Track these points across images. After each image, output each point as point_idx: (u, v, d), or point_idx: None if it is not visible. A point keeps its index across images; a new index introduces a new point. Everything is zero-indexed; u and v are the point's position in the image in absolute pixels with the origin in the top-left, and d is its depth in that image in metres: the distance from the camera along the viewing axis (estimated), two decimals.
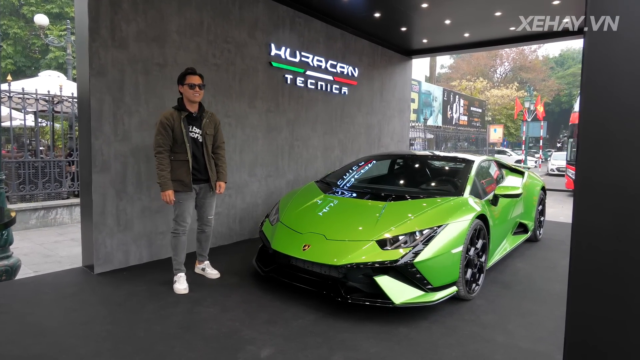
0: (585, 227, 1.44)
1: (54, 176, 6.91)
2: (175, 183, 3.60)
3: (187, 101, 3.65)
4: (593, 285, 1.45)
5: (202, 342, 2.74)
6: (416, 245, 3.16)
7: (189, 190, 3.65)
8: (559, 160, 21.57)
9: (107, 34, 3.92)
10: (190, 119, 3.68)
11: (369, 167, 5.13)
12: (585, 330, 1.49)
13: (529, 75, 39.72)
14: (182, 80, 3.63)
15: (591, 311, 1.46)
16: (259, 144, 5.60)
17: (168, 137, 3.56)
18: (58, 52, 20.62)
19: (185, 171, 3.62)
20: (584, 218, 1.44)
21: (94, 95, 3.87)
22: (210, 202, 3.91)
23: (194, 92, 3.61)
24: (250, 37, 5.35)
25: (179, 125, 3.59)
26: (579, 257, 1.46)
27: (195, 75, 3.65)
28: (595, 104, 1.40)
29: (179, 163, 3.61)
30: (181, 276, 3.69)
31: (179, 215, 3.69)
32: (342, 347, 2.70)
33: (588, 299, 1.47)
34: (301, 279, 3.43)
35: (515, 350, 2.72)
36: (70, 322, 3.00)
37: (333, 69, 6.77)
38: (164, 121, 3.55)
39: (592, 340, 1.47)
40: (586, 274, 1.46)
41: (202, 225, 3.96)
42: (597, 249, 1.42)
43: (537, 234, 5.71)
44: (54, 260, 4.64)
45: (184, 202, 3.68)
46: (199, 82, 3.63)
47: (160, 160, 3.54)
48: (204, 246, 4.03)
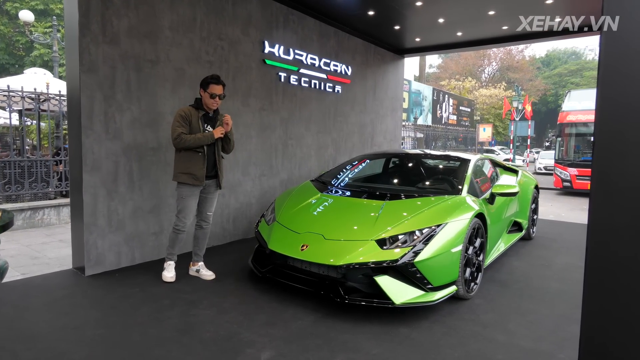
0: (602, 226, 1.41)
1: (40, 176, 6.74)
2: (186, 176, 3.64)
3: (206, 105, 3.72)
4: (609, 285, 1.42)
5: (200, 345, 2.67)
6: (416, 244, 3.13)
7: (199, 184, 3.68)
8: (547, 159, 21.80)
9: (97, 29, 3.81)
10: (207, 118, 3.77)
11: (366, 166, 5.09)
12: (601, 330, 1.46)
13: (516, 75, 40.15)
14: (205, 87, 3.67)
15: (607, 311, 1.44)
16: (253, 143, 5.53)
17: (187, 129, 3.61)
18: (43, 50, 20.21)
19: (199, 165, 3.65)
20: (600, 217, 1.41)
21: (84, 92, 3.76)
22: (212, 198, 3.92)
23: (214, 102, 3.70)
24: (243, 34, 5.27)
25: (197, 121, 3.67)
26: (595, 257, 1.43)
27: (219, 85, 3.69)
28: (611, 103, 1.38)
29: (192, 156, 3.65)
30: (170, 264, 3.84)
31: (181, 211, 3.73)
32: (344, 349, 2.65)
33: (604, 298, 1.44)
34: (298, 280, 3.37)
35: (517, 350, 2.70)
36: (61, 326, 2.90)
37: (327, 67, 6.72)
38: (182, 114, 3.63)
39: (608, 340, 1.45)
40: (602, 273, 1.43)
41: (200, 220, 3.95)
42: (613, 248, 1.40)
43: (531, 232, 5.73)
44: (43, 262, 4.51)
45: (188, 198, 3.71)
46: (220, 93, 3.69)
47: (184, 137, 3.55)
48: (200, 244, 3.98)
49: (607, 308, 1.43)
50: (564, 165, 13.07)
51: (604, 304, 1.44)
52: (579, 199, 11.94)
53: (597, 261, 1.43)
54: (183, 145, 3.58)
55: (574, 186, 12.62)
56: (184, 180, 3.65)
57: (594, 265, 1.44)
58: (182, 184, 3.67)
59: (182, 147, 3.61)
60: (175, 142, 3.59)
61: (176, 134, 3.57)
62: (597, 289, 1.44)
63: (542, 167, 22.05)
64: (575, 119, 13.37)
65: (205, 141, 3.62)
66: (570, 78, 41.44)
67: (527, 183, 5.58)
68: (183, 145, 3.58)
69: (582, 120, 13.24)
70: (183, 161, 3.65)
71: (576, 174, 12.60)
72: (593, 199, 1.42)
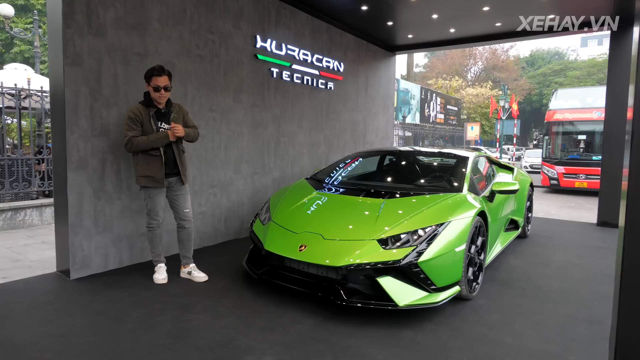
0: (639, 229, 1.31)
1: (22, 175, 6.48)
2: (146, 179, 3.51)
3: (154, 100, 3.53)
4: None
5: (196, 352, 2.52)
6: (419, 244, 3.02)
7: (160, 185, 3.56)
8: (533, 157, 22.03)
9: (82, 19, 3.62)
10: (159, 115, 3.56)
11: (362, 163, 4.97)
12: (636, 342, 1.36)
13: (501, 75, 40.54)
14: (149, 81, 3.48)
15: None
16: (245, 140, 5.37)
17: (138, 131, 3.45)
18: (24, 46, 19.65)
19: (157, 166, 3.51)
20: (637, 219, 1.31)
21: (68, 86, 3.57)
22: (182, 194, 3.75)
23: (159, 95, 3.47)
24: (235, 28, 5.10)
25: (148, 121, 3.49)
26: (633, 259, 1.33)
27: (162, 76, 3.45)
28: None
29: (150, 158, 3.49)
30: (161, 266, 3.73)
31: (150, 210, 3.64)
32: (348, 355, 2.53)
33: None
34: (296, 281, 3.24)
35: (527, 352, 2.61)
36: (46, 334, 2.71)
37: (319, 64, 6.58)
38: (132, 116, 3.43)
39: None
40: (639, 279, 1.33)
41: (180, 220, 3.78)
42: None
43: (526, 230, 5.69)
44: (24, 265, 4.29)
45: (155, 197, 3.61)
46: (164, 84, 3.47)
47: (136, 140, 3.39)
48: (186, 246, 3.81)
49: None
50: (551, 163, 13.18)
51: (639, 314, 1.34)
52: (567, 197, 12.04)
53: (632, 267, 1.33)
54: (136, 149, 3.40)
55: (561, 184, 12.73)
56: (144, 184, 3.53)
57: (629, 270, 1.34)
58: (144, 187, 3.57)
59: (135, 150, 3.43)
60: (127, 147, 3.42)
61: (127, 139, 3.39)
62: (633, 297, 1.34)
63: (527, 165, 22.27)
64: (562, 117, 13.49)
65: (159, 143, 3.43)
66: (554, 78, 41.98)
67: (523, 181, 5.53)
68: (136, 149, 3.40)
69: (569, 119, 13.36)
70: (141, 164, 3.49)
71: (563, 172, 12.72)
72: (630, 200, 1.31)
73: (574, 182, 12.47)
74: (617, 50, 6.38)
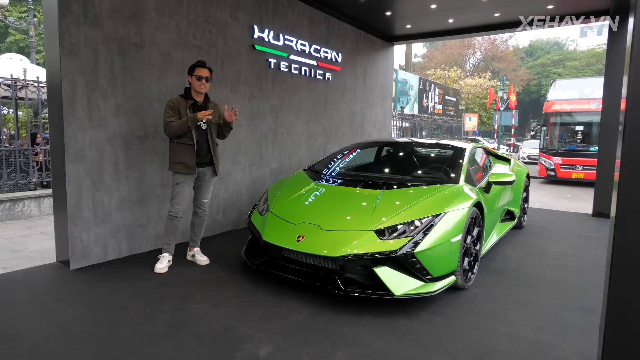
0: (629, 221, 1.34)
1: (19, 166, 6.47)
2: (179, 165, 3.70)
3: (194, 91, 3.76)
4: (636, 282, 1.35)
5: (195, 341, 2.56)
6: (416, 234, 3.06)
7: (192, 172, 3.73)
8: (530, 148, 22.06)
9: (79, 9, 3.60)
10: (195, 107, 3.77)
11: (359, 154, 4.99)
12: (623, 333, 1.39)
13: (500, 65, 40.37)
14: (192, 71, 3.73)
15: (631, 310, 1.37)
16: (242, 131, 5.37)
17: (175, 118, 3.64)
18: (19, 36, 19.48)
19: (189, 154, 3.70)
20: (627, 211, 1.34)
21: (65, 76, 3.56)
22: (207, 185, 3.96)
23: (201, 84, 3.72)
24: (232, 18, 5.07)
25: (185, 112, 3.69)
26: (622, 250, 1.36)
27: (204, 68, 3.75)
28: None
29: (183, 147, 3.69)
30: (165, 256, 3.81)
31: (174, 197, 3.77)
32: (345, 343, 2.57)
33: (629, 297, 1.37)
34: (294, 271, 3.28)
35: (520, 340, 2.66)
36: (47, 323, 2.75)
37: (317, 54, 6.56)
38: (172, 105, 3.66)
39: (631, 341, 1.38)
40: (628, 271, 1.36)
41: (196, 207, 3.99)
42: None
43: (522, 220, 5.74)
44: (24, 255, 4.31)
45: (182, 184, 3.74)
46: (206, 75, 3.74)
47: (171, 124, 3.59)
48: (197, 231, 4.05)
49: (631, 308, 1.36)
50: (549, 154, 13.20)
51: (628, 305, 1.37)
52: (563, 188, 12.10)
53: (622, 258, 1.36)
54: (170, 132, 3.63)
55: (558, 175, 12.78)
56: (177, 170, 3.72)
57: (619, 261, 1.37)
58: (176, 172, 3.73)
59: (171, 135, 3.66)
60: (165, 132, 3.68)
61: (165, 125, 3.64)
62: (622, 288, 1.37)
63: (525, 156, 22.32)
64: (560, 108, 13.49)
65: (188, 124, 3.59)
66: (552, 68, 41.85)
67: (520, 172, 5.57)
68: (170, 132, 3.63)
69: (566, 110, 13.37)
70: (176, 152, 3.72)
71: (560, 163, 12.75)
72: (621, 192, 1.34)
73: (571, 173, 12.51)
74: (615, 41, 6.37)
